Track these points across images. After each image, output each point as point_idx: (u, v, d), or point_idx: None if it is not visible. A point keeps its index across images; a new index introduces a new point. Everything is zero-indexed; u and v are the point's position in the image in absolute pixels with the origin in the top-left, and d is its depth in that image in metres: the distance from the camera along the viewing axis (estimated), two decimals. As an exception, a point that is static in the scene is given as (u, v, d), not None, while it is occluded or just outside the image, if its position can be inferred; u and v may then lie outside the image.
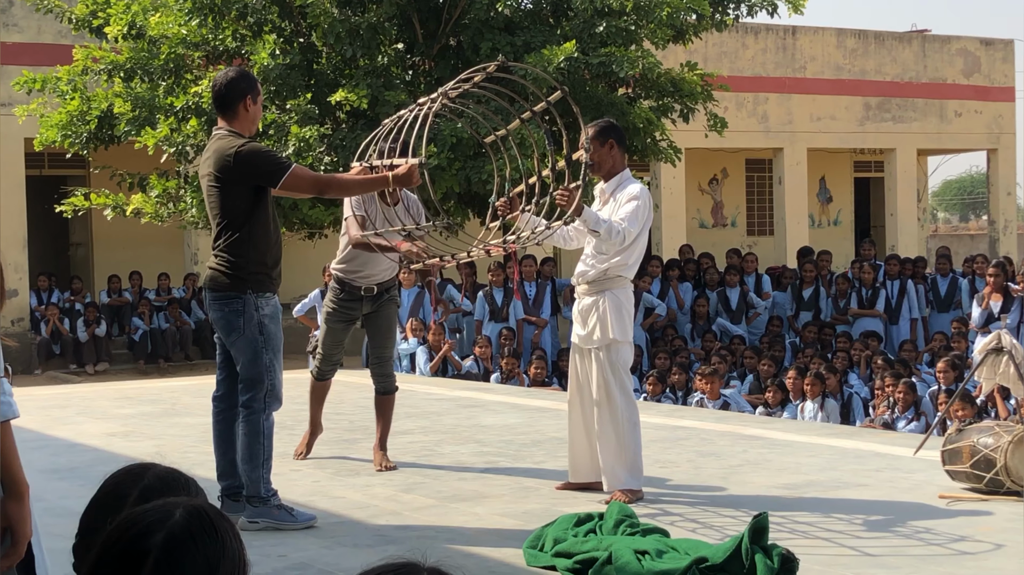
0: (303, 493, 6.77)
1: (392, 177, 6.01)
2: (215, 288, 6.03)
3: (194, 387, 12.12)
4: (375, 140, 6.57)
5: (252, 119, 6.11)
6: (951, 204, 73.67)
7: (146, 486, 2.35)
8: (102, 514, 2.32)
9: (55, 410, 10.60)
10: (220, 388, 6.24)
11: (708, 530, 5.89)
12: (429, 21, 14.59)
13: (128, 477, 2.38)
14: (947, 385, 10.75)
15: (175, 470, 2.41)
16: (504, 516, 6.26)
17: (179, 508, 1.97)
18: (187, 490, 2.37)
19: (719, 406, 11.09)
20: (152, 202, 14.83)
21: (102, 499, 2.36)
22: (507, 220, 6.56)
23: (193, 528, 1.94)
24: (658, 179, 23.72)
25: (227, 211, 5.96)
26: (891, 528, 5.92)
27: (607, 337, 6.58)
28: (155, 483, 2.35)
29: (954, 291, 14.77)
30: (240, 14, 14.26)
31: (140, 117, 14.16)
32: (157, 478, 2.38)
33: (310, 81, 14.24)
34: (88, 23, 15.20)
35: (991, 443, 6.50)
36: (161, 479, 2.38)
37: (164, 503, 2.01)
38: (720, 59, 23.72)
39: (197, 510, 1.98)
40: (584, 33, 14.11)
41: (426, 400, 10.91)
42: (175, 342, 19.55)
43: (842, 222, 29.31)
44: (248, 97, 6.03)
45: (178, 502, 2.00)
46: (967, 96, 27.92)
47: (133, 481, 2.36)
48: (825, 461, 7.66)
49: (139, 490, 2.34)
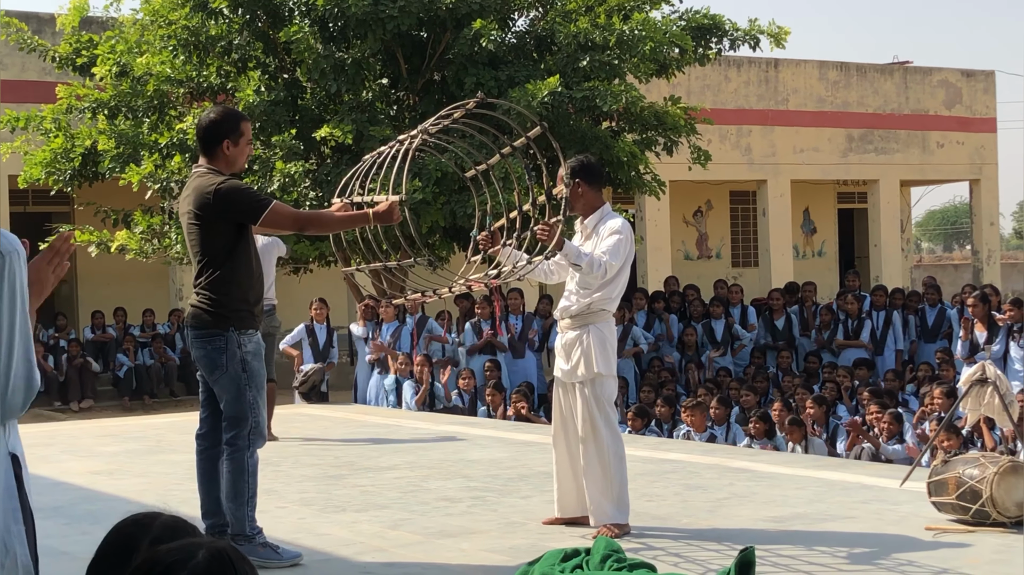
0: (288, 530, 6.74)
1: (373, 214, 6.02)
2: (197, 326, 6.01)
3: (179, 424, 12.06)
4: (356, 176, 6.58)
5: (233, 159, 6.08)
6: (934, 234, 74.01)
7: (155, 537, 2.34)
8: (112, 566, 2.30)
9: (39, 448, 10.53)
10: (203, 426, 6.21)
11: (694, 564, 5.87)
12: (413, 56, 14.64)
13: (136, 528, 2.36)
14: (943, 411, 10.73)
15: (180, 518, 2.40)
16: (491, 552, 6.24)
17: (202, 549, 1.98)
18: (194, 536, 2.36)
19: (705, 439, 11.08)
20: (136, 238, 14.82)
21: (110, 551, 2.34)
22: (488, 254, 6.57)
23: (214, 569, 1.95)
24: (643, 212, 23.80)
25: (208, 249, 5.95)
26: (876, 561, 5.91)
27: (592, 371, 6.57)
28: (164, 534, 2.34)
29: (942, 321, 14.79)
30: (224, 51, 14.30)
31: (124, 154, 14.17)
32: (165, 527, 2.36)
33: (295, 117, 14.27)
34: (72, 61, 15.23)
35: (977, 474, 6.49)
36: (169, 528, 2.36)
37: (187, 543, 2.01)
38: (703, 92, 23.85)
39: (219, 551, 1.99)
40: (568, 67, 14.18)
41: (411, 435, 10.88)
42: (160, 378, 19.49)
43: (826, 253, 29.43)
44: (228, 140, 6.02)
45: (201, 542, 2.01)
46: (949, 127, 28.12)
47: (142, 532, 2.34)
48: (812, 493, 7.65)
49: (149, 541, 2.33)
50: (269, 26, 14.45)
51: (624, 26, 14.27)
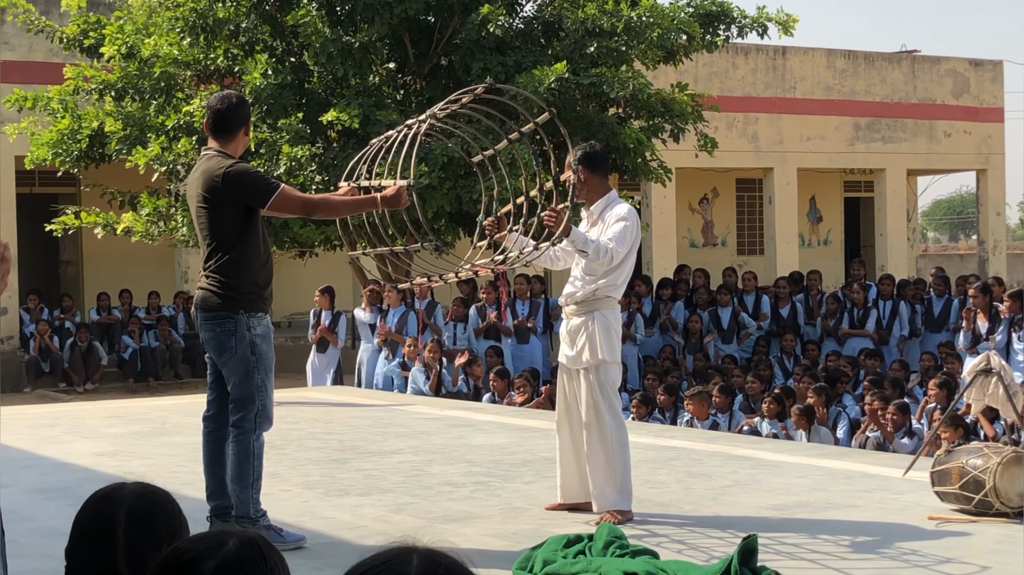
0: (292, 513, 6.76)
1: (380, 198, 6.02)
2: (206, 308, 6.03)
3: (183, 406, 12.09)
4: (363, 160, 6.58)
5: (244, 143, 6.22)
6: (940, 224, 73.91)
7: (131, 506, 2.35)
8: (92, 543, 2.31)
9: (44, 429, 10.58)
10: (211, 408, 6.23)
11: (697, 551, 5.88)
12: (421, 41, 14.63)
13: (108, 503, 2.37)
14: (940, 404, 10.74)
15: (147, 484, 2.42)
16: (493, 537, 6.26)
17: (232, 538, 2.02)
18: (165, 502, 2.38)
19: (708, 427, 11.08)
20: (143, 220, 14.82)
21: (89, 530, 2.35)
22: (495, 240, 6.57)
23: (244, 558, 1.99)
24: (648, 199, 23.78)
25: (217, 232, 5.97)
26: (879, 550, 5.92)
27: (596, 358, 6.58)
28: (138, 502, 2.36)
29: (948, 312, 14.78)
30: (232, 34, 14.28)
31: (131, 136, 14.17)
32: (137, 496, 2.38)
33: (301, 100, 14.25)
34: (79, 42, 15.21)
35: (980, 464, 6.50)
36: (141, 496, 2.38)
37: (219, 532, 2.05)
38: (710, 79, 23.81)
39: (249, 541, 2.03)
40: (575, 53, 14.15)
41: (415, 419, 10.90)
42: (165, 360, 19.54)
43: (832, 242, 29.39)
44: (248, 123, 6.15)
45: (232, 531, 2.05)
46: (956, 117, 28.05)
47: (115, 505, 2.36)
48: (815, 482, 7.66)
49: (125, 512, 2.34)
50: (276, 9, 14.43)
51: (632, 12, 14.25)
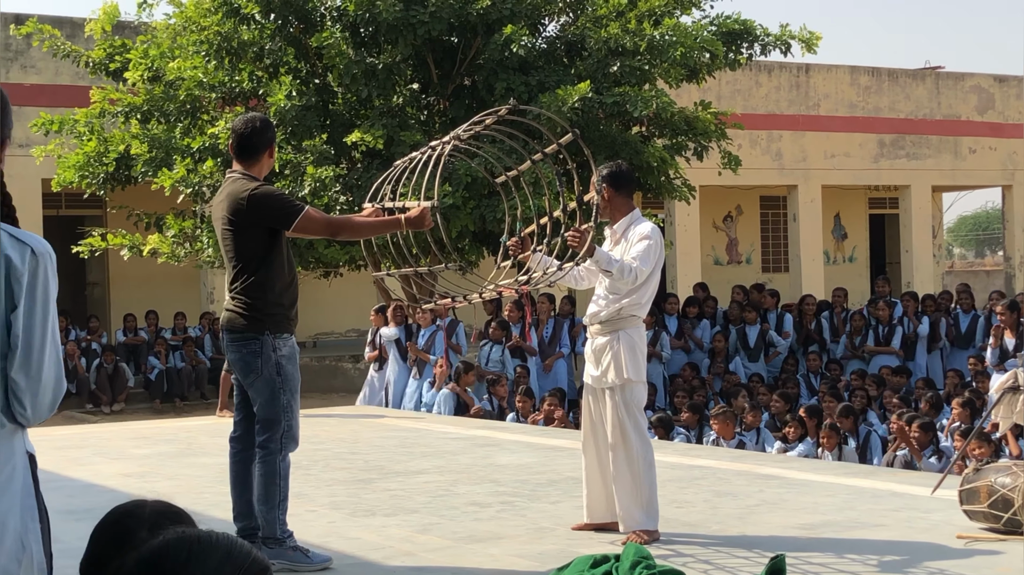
0: (318, 534, 6.77)
1: (405, 220, 6.04)
2: (232, 330, 6.06)
3: (210, 427, 12.13)
4: (387, 180, 6.60)
5: (269, 166, 6.26)
6: (966, 240, 73.51)
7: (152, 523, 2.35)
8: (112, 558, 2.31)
9: (71, 450, 10.62)
10: (237, 429, 6.25)
11: (724, 572, 5.86)
12: (444, 61, 14.69)
13: (131, 519, 2.38)
14: (964, 423, 10.67)
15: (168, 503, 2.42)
16: (520, 557, 6.24)
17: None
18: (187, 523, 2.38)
19: (734, 446, 11.04)
20: (168, 242, 14.91)
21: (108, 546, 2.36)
22: (519, 259, 6.57)
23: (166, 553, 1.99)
24: (672, 217, 23.76)
25: (242, 254, 6.01)
26: (907, 569, 5.88)
27: (622, 377, 6.57)
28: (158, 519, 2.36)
29: (975, 328, 14.70)
30: (257, 56, 14.38)
31: (157, 158, 14.27)
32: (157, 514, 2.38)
33: (326, 121, 14.33)
34: (105, 66, 15.34)
35: (1009, 483, 6.46)
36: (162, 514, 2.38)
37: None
38: (734, 97, 23.80)
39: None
40: (598, 73, 14.18)
41: (441, 439, 10.90)
42: (191, 381, 19.59)
43: (857, 259, 29.29)
44: (272, 146, 6.19)
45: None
46: (981, 133, 27.94)
47: (137, 522, 2.36)
48: (842, 501, 7.62)
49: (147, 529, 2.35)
50: (301, 31, 14.53)
51: (655, 31, 14.28)
